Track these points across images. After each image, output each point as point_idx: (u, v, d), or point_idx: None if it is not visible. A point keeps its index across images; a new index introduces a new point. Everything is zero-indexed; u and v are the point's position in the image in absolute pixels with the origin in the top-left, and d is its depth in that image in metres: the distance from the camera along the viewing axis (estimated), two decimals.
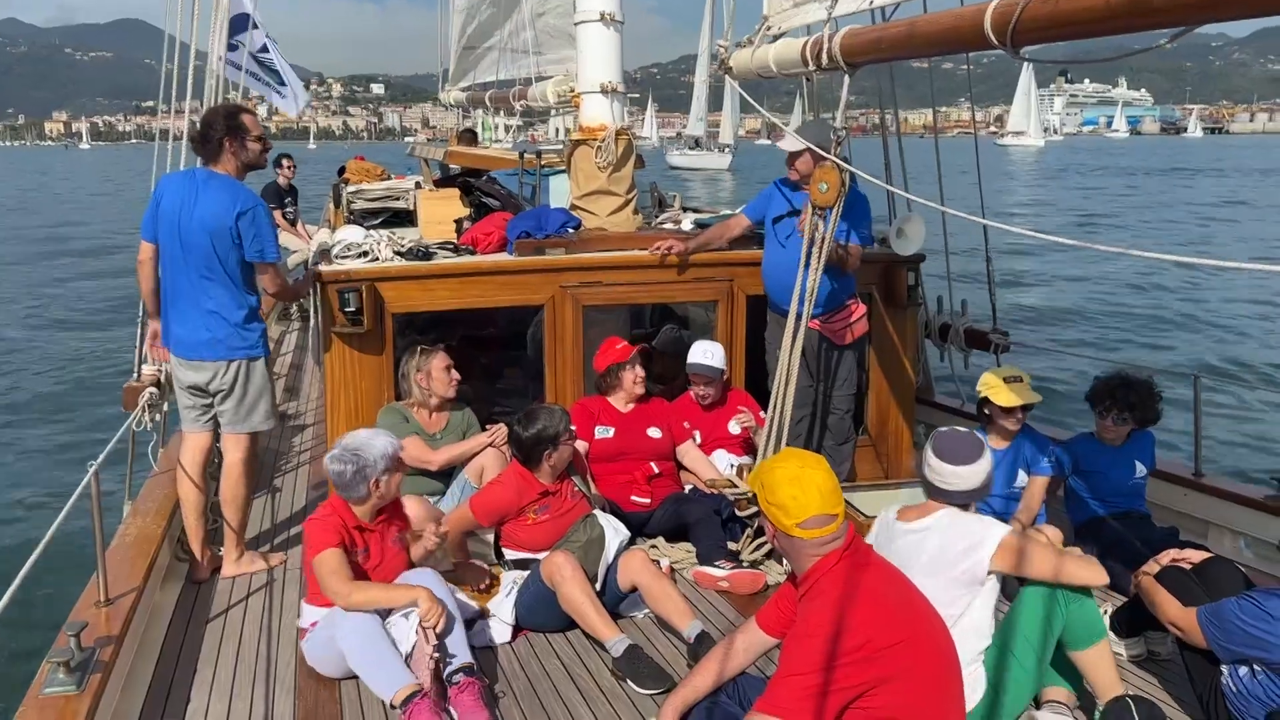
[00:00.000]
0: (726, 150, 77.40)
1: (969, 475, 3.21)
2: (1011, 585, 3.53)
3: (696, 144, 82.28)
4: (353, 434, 3.89)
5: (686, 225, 6.26)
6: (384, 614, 3.61)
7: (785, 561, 3.16)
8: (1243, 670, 3.20)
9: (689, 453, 5.35)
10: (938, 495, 3.28)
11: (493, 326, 6.86)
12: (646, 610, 4.19)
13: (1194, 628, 3.29)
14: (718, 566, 4.59)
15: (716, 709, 2.96)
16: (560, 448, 4.25)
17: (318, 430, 6.93)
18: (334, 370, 5.19)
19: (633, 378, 5.19)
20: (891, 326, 5.92)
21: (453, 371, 5.04)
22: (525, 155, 7.18)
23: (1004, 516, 4.72)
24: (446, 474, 5.06)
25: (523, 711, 3.51)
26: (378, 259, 5.32)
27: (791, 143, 4.99)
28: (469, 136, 11.47)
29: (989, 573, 3.18)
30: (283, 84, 8.98)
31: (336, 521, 3.74)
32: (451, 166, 9.51)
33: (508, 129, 12.29)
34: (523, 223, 5.60)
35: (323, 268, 5.21)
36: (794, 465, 2.70)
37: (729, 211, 6.28)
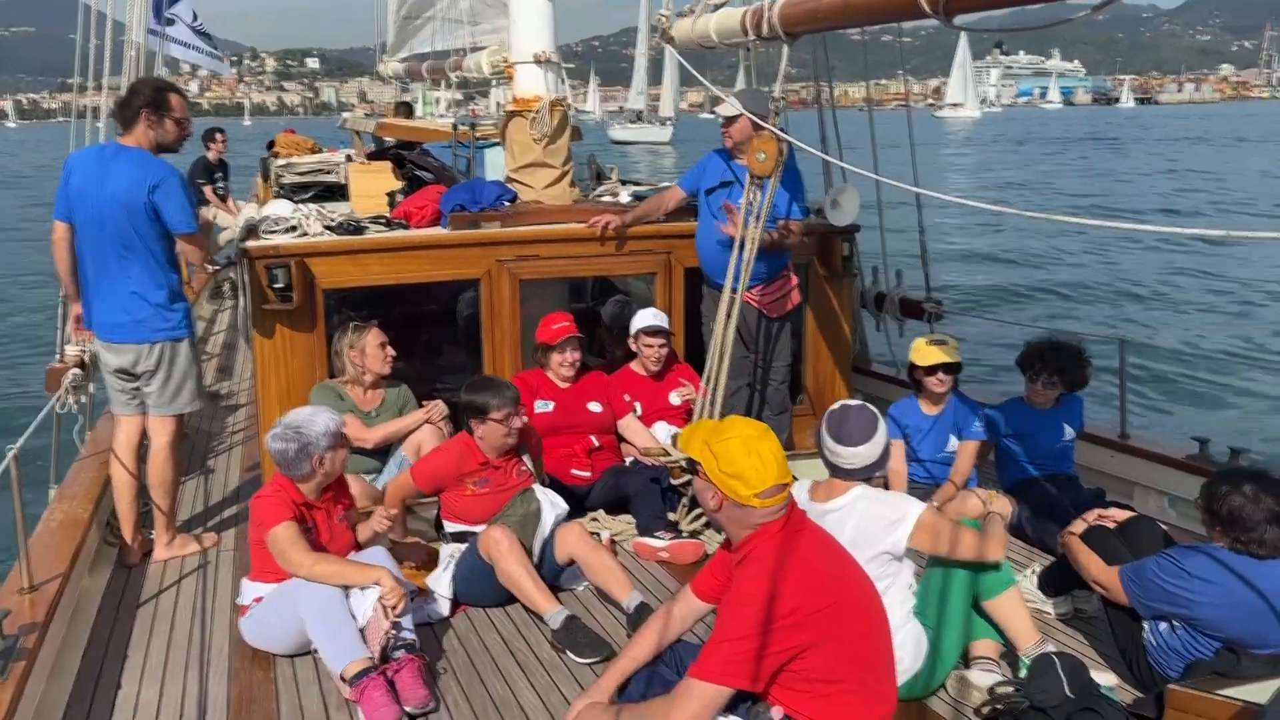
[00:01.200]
0: (667, 123, 77.29)
1: (866, 453, 3.26)
2: None
3: (638, 118, 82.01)
4: (294, 412, 3.84)
5: (624, 198, 6.23)
6: (343, 590, 3.58)
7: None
8: (1163, 626, 3.31)
9: (630, 425, 5.35)
10: (840, 474, 3.32)
11: (432, 302, 6.78)
12: (586, 583, 4.20)
13: (1116, 586, 3.39)
14: (657, 537, 4.62)
15: (655, 676, 2.98)
16: (488, 422, 4.19)
17: (251, 410, 6.81)
18: (264, 349, 5.09)
19: (560, 360, 5.14)
20: (828, 296, 5.97)
21: (388, 348, 4.97)
22: (459, 127, 7.07)
23: (937, 481, 4.84)
24: (383, 452, 5.00)
25: (462, 686, 3.51)
26: (307, 234, 5.21)
27: (729, 108, 4.99)
28: (404, 109, 11.27)
29: (907, 549, 3.26)
30: (217, 48, 8.77)
31: (286, 497, 3.70)
32: (385, 139, 9.35)
33: (449, 103, 12.12)
34: (457, 196, 5.52)
35: (250, 243, 5.09)
36: (748, 434, 2.71)
37: (667, 184, 6.27)
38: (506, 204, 5.64)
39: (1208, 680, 3.14)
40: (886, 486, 4.64)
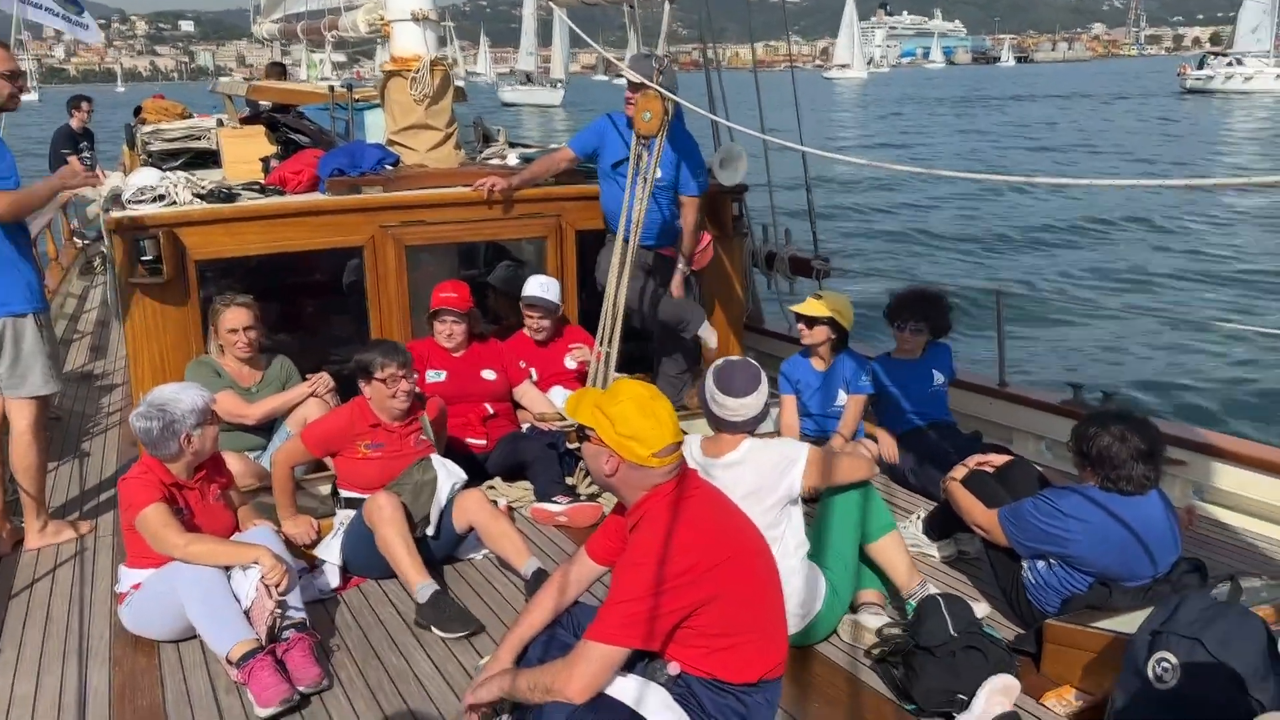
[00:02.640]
0: (559, 86, 76.40)
1: (751, 404, 3.31)
2: None
3: (528, 79, 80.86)
4: (158, 389, 3.66)
5: (512, 160, 6.12)
6: (224, 571, 3.45)
7: None
8: (1040, 564, 3.45)
9: (526, 392, 5.30)
10: (725, 427, 3.36)
11: (315, 272, 6.56)
12: (485, 551, 4.16)
13: (995, 527, 3.52)
14: (555, 502, 4.60)
15: (553, 640, 2.97)
16: (373, 384, 4.09)
17: (127, 390, 6.50)
18: (135, 324, 4.85)
19: (439, 331, 5.05)
20: (720, 256, 6.00)
21: (248, 332, 4.73)
22: (336, 89, 6.82)
23: (826, 434, 4.94)
24: (267, 428, 4.84)
25: (356, 662, 3.44)
26: (176, 203, 4.97)
27: (635, 77, 4.94)
28: (277, 70, 10.84)
29: (802, 489, 3.33)
30: (82, 12, 8.26)
31: (154, 478, 3.53)
32: (259, 103, 8.96)
33: (334, 66, 11.69)
34: (335, 160, 5.34)
35: (114, 214, 4.83)
36: (641, 394, 2.70)
37: (554, 146, 6.18)
38: (388, 168, 5.48)
39: (1082, 613, 3.29)
40: None
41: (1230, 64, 67.89)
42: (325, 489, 4.50)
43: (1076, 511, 3.31)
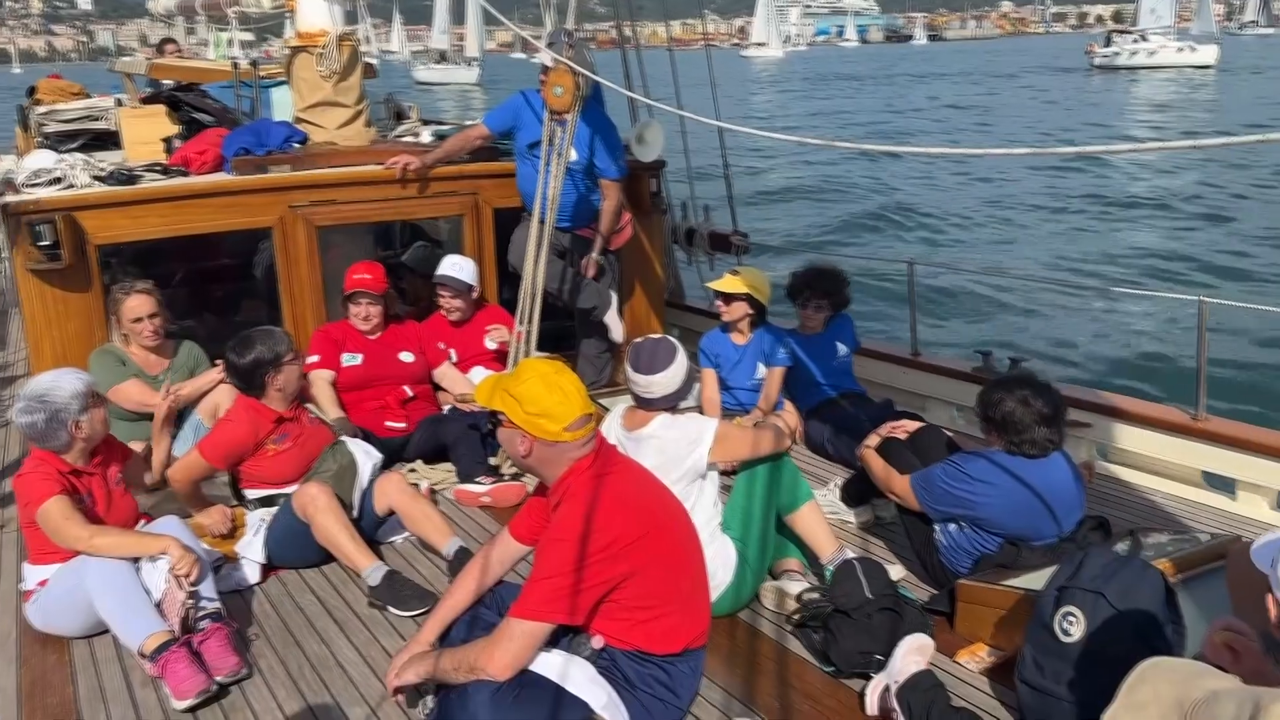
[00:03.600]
0: (474, 64, 75.33)
1: (666, 381, 3.34)
2: None
3: (442, 58, 79.54)
4: (33, 381, 3.52)
5: (426, 138, 6.03)
6: (132, 563, 3.35)
7: None
8: (951, 527, 3.55)
9: (446, 374, 5.25)
10: (643, 404, 3.41)
11: (224, 255, 6.38)
12: (406, 534, 4.12)
13: (908, 493, 3.61)
14: (478, 483, 4.57)
15: (477, 619, 2.96)
16: (284, 368, 4.00)
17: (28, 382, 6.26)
18: (34, 312, 4.66)
19: (355, 313, 4.96)
20: (639, 233, 6.00)
21: (152, 320, 4.58)
22: (241, 66, 6.62)
23: (747, 408, 5.00)
24: (177, 417, 4.70)
25: (277, 651, 3.38)
26: (74, 185, 4.78)
27: (544, 56, 4.89)
28: (172, 46, 10.46)
29: (709, 465, 3.39)
30: None
31: (50, 469, 3.40)
32: (160, 82, 8.65)
33: (242, 44, 11.33)
34: (240, 139, 5.19)
35: (8, 199, 4.62)
36: (545, 371, 2.70)
37: (469, 122, 6.10)
38: (296, 146, 5.35)
39: (992, 573, 3.40)
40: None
41: (1135, 40, 70.10)
42: (225, 477, 4.35)
43: (983, 475, 3.41)
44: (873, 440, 3.93)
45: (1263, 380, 9.26)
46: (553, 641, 2.69)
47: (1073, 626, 2.73)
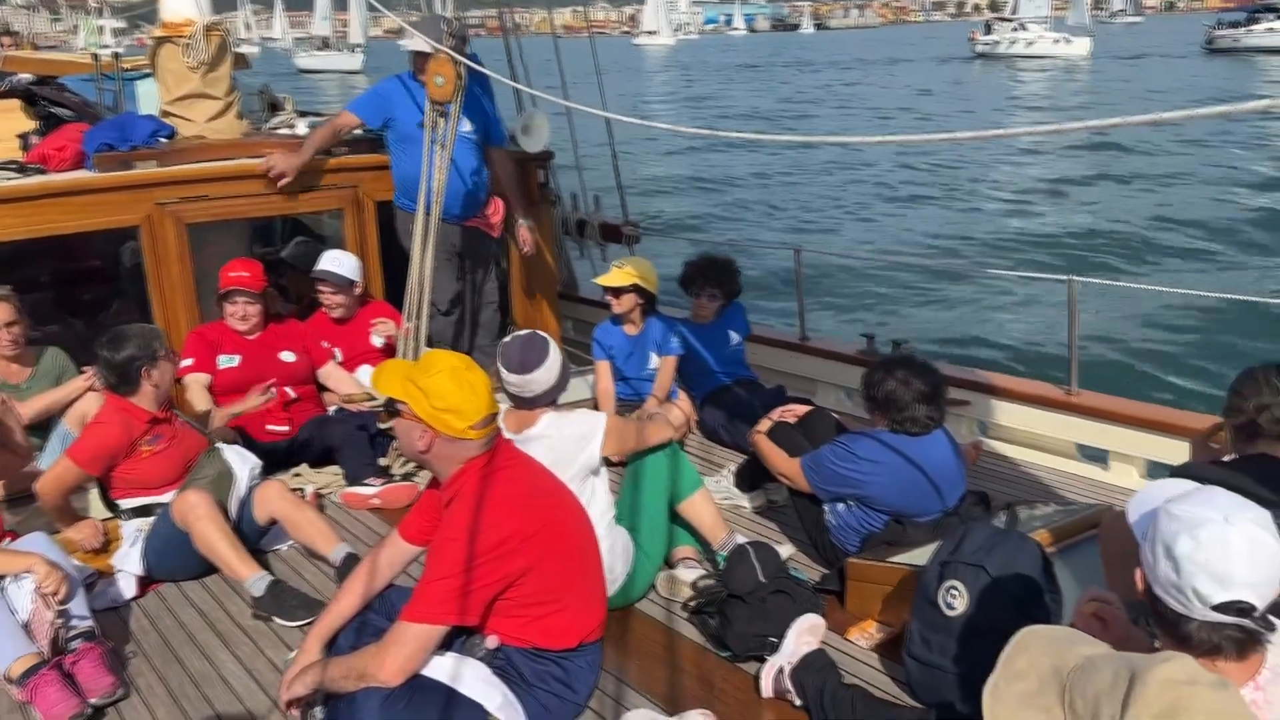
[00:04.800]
0: (357, 50, 73.56)
1: (543, 377, 3.29)
2: None
3: (325, 44, 77.48)
4: None
5: (302, 129, 5.83)
6: None
7: None
8: (840, 507, 3.63)
9: (332, 373, 5.10)
10: (521, 403, 3.35)
11: (89, 256, 6.06)
12: (290, 542, 3.99)
13: (798, 475, 3.67)
14: (367, 485, 4.46)
15: (366, 625, 2.89)
16: (159, 363, 3.82)
17: None
18: None
19: (230, 313, 4.77)
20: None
21: (10, 329, 4.35)
22: (102, 58, 6.28)
23: (641, 397, 5.01)
24: (42, 427, 4.45)
25: (156, 668, 3.23)
26: None
27: (418, 43, 4.78)
28: (9, 40, 9.87)
29: (602, 459, 3.37)
30: None
31: None
32: (14, 75, 8.15)
33: (115, 32, 10.76)
34: (103, 134, 4.93)
35: None
36: (455, 365, 2.64)
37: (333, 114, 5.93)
38: (163, 140, 5.11)
39: (880, 550, 3.48)
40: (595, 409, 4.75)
41: (1015, 29, 72.66)
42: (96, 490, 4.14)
43: (870, 454, 3.49)
44: (763, 425, 3.98)
45: (1131, 355, 9.75)
46: (445, 644, 2.64)
47: (956, 600, 2.81)
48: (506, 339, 3.42)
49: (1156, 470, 4.35)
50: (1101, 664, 1.60)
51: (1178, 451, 4.22)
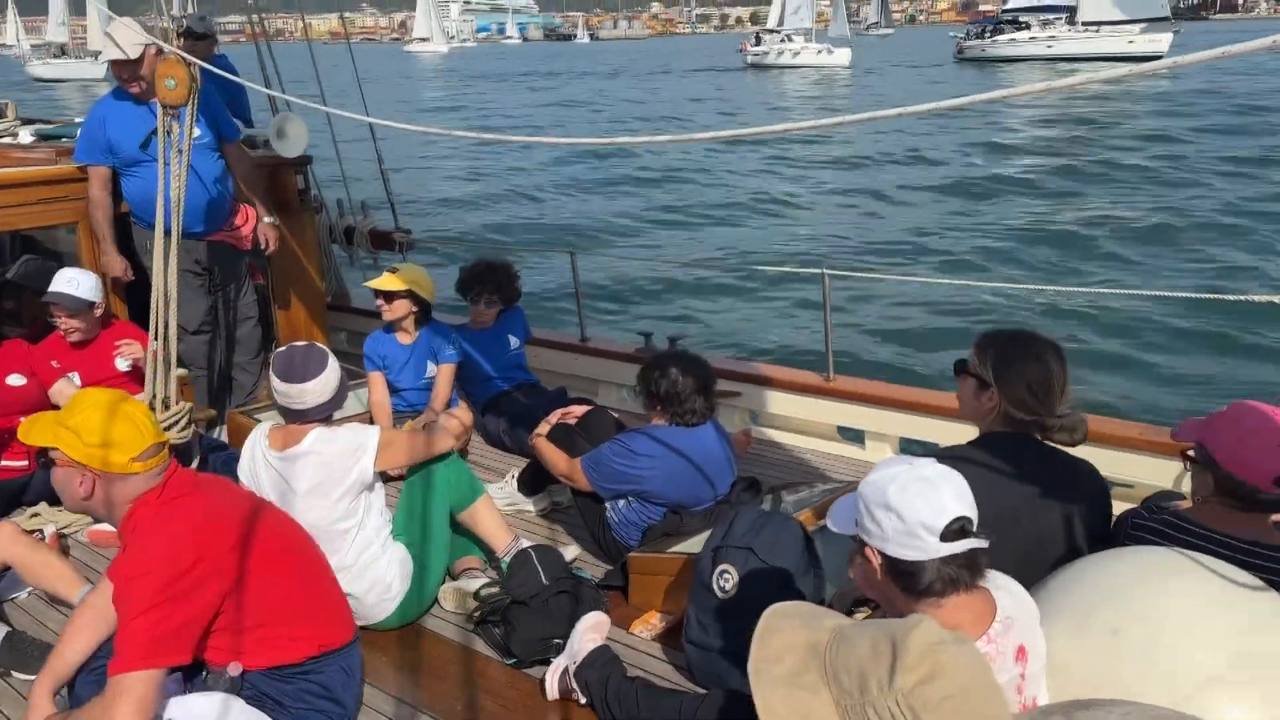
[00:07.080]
0: (99, 58, 68.19)
1: (319, 388, 3.16)
2: None
3: (63, 51, 71.25)
4: None
5: (25, 137, 5.32)
6: None
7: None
8: (620, 503, 3.67)
9: (63, 393, 4.64)
10: (293, 417, 3.21)
11: None
12: (29, 589, 3.62)
13: (579, 474, 3.69)
14: None
15: (105, 675, 2.65)
16: None
17: None
18: None
19: None
20: (286, 232, 5.66)
21: None
22: None
23: (418, 408, 4.88)
24: None
25: None
26: None
27: (114, 51, 4.45)
28: None
29: (377, 474, 3.26)
30: None
31: None
32: None
33: None
34: None
35: None
36: (103, 400, 2.45)
37: (79, 120, 5.44)
38: None
39: (660, 541, 3.55)
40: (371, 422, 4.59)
41: (782, 40, 76.40)
42: None
43: (646, 449, 3.55)
44: (543, 428, 3.97)
45: (881, 340, 10.46)
46: (187, 683, 2.47)
47: (728, 583, 2.91)
48: (282, 349, 3.25)
49: (909, 446, 4.69)
50: (853, 634, 1.66)
51: (928, 429, 4.57)
